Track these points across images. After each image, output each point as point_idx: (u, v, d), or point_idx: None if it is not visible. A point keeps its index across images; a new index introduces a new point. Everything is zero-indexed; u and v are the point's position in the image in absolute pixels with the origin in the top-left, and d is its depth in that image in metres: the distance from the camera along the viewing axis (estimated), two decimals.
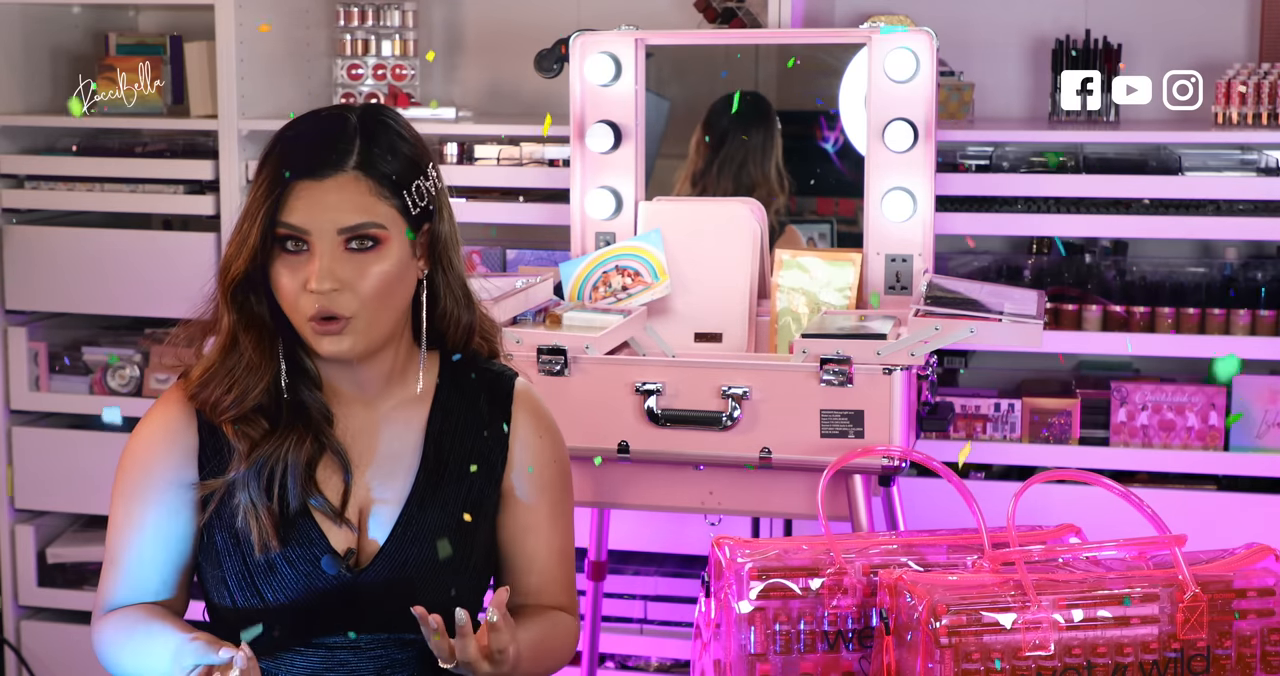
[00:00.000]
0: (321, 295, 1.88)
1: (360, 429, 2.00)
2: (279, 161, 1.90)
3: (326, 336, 1.90)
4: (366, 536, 1.97)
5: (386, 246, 1.91)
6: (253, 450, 1.94)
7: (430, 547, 1.97)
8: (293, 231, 1.88)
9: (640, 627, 3.65)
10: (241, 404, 1.94)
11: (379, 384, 2.00)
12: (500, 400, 2.06)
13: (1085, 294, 3.46)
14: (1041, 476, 2.05)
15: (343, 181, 1.89)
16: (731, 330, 3.14)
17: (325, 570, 1.94)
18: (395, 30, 3.82)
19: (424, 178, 1.95)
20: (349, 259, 1.89)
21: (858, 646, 2.02)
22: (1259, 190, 3.31)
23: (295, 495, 1.93)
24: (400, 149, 1.94)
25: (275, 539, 1.93)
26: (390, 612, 1.94)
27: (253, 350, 1.94)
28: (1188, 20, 3.65)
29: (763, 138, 3.46)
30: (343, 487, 1.97)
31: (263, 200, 1.88)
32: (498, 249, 3.74)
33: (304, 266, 1.88)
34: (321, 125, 1.95)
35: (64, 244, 3.83)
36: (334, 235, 1.88)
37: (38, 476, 3.91)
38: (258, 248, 1.89)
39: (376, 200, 1.90)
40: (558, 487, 2.09)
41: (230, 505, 1.95)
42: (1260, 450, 3.39)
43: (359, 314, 1.90)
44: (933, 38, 3.08)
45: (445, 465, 2.01)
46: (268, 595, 1.94)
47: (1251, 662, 1.95)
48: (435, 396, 2.03)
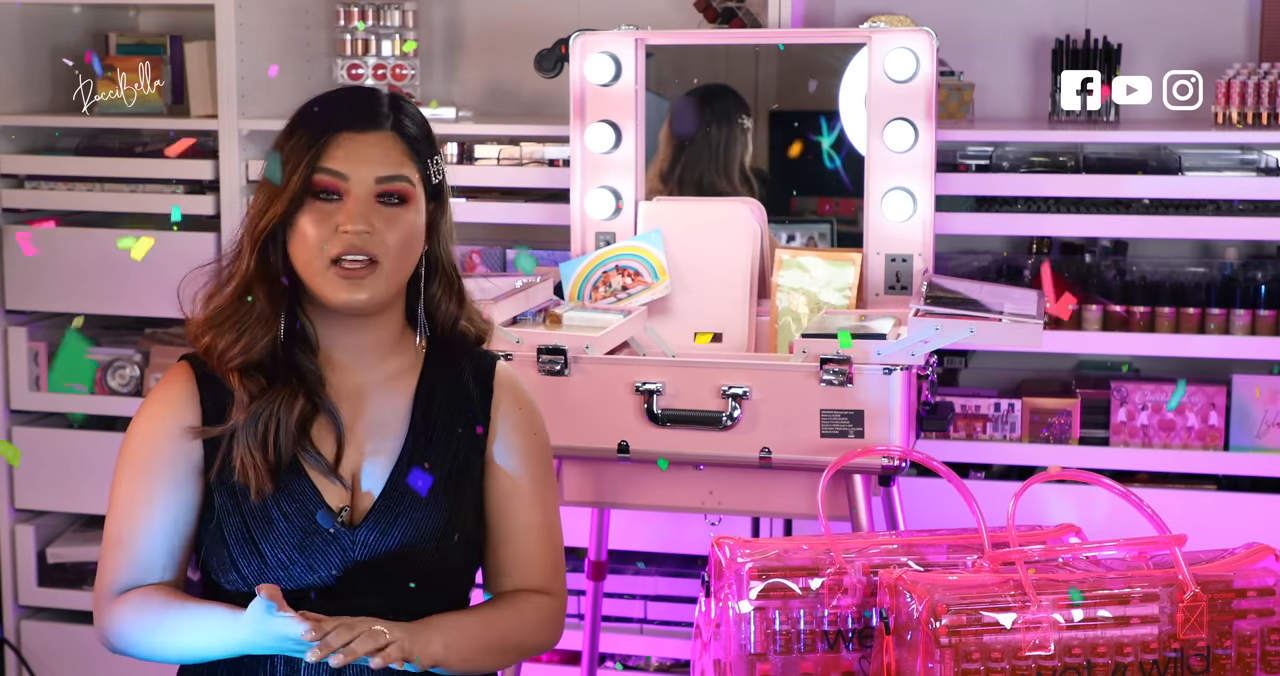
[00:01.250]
0: (355, 236, 1.97)
1: (352, 393, 2.07)
2: (316, 118, 2.01)
3: (347, 282, 1.98)
4: (359, 492, 2.04)
5: (411, 204, 2.02)
6: (251, 403, 2.01)
7: (420, 506, 2.03)
8: (332, 178, 1.99)
9: (640, 627, 3.65)
10: (248, 352, 2.02)
11: (373, 352, 2.08)
12: (483, 376, 2.14)
13: (1085, 294, 3.46)
14: (1041, 476, 2.06)
15: (381, 137, 2.01)
16: (731, 330, 3.14)
17: (320, 524, 2.00)
18: (395, 30, 3.83)
19: (440, 155, 2.08)
20: (379, 210, 2.00)
21: (858, 646, 2.02)
22: (1259, 190, 3.31)
23: (287, 447, 2.00)
24: (423, 124, 2.08)
25: (270, 482, 1.99)
26: (385, 574, 2.01)
27: (265, 301, 2.02)
28: (1188, 20, 3.65)
29: (727, 136, 3.45)
30: (336, 447, 2.04)
31: (304, 149, 1.98)
32: (497, 249, 3.74)
33: (333, 215, 1.98)
34: (355, 92, 2.10)
35: (64, 244, 3.83)
36: (370, 183, 1.99)
37: (38, 476, 3.91)
38: (296, 193, 1.98)
39: (407, 159, 2.02)
40: (539, 461, 2.15)
41: (229, 465, 2.01)
42: (1260, 450, 3.39)
43: (384, 260, 1.99)
44: (933, 38, 3.08)
45: (433, 429, 2.08)
46: (265, 549, 1.99)
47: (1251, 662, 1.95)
48: (423, 370, 2.11)
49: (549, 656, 3.64)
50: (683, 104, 3.45)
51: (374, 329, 2.06)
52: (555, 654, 3.64)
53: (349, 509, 2.02)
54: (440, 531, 2.03)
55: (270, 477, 1.99)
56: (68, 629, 3.92)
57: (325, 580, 2.00)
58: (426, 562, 2.02)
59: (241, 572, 2.00)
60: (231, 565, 2.01)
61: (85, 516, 4.01)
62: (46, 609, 3.97)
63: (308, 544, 2.00)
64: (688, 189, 3.41)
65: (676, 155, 3.44)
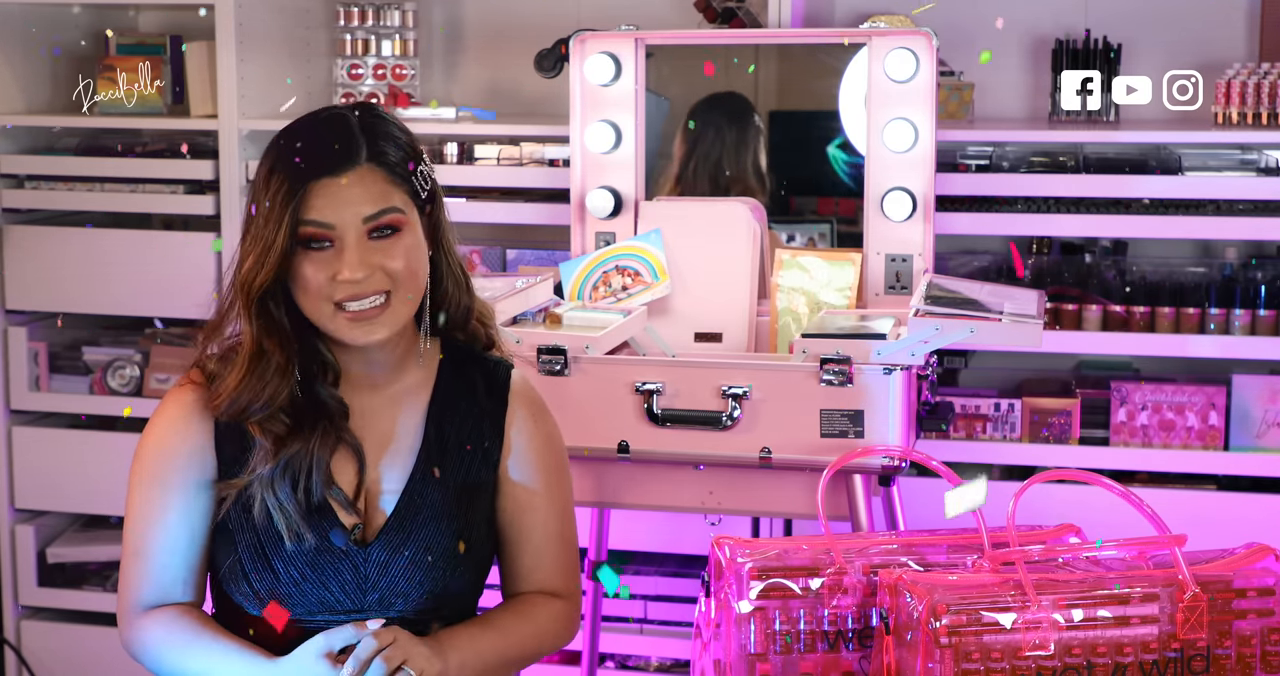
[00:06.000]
0: (356, 284, 1.95)
1: (368, 411, 2.06)
2: (291, 165, 1.95)
3: (359, 325, 1.97)
4: (372, 510, 2.03)
5: (407, 229, 1.99)
6: (279, 447, 1.99)
7: (432, 524, 2.02)
8: (318, 228, 1.95)
9: (640, 627, 3.65)
10: (272, 405, 2.00)
11: (389, 368, 2.07)
12: (497, 388, 2.12)
13: (1085, 294, 3.46)
14: (1041, 476, 2.05)
15: (359, 174, 1.96)
16: (731, 330, 3.14)
17: (333, 543, 1.99)
18: (395, 30, 3.83)
19: (424, 163, 2.04)
20: (375, 246, 1.97)
21: (858, 646, 2.02)
22: (1259, 190, 3.31)
23: (319, 490, 1.99)
24: (399, 138, 2.02)
25: (306, 527, 1.99)
26: (397, 590, 2.01)
27: (279, 353, 1.99)
28: (1188, 20, 3.65)
29: (737, 136, 3.46)
30: (356, 477, 2.03)
31: (284, 204, 1.93)
32: (497, 249, 3.74)
33: (330, 262, 1.95)
34: (323, 126, 2.00)
35: (64, 244, 3.83)
36: (359, 225, 1.95)
37: (38, 476, 3.91)
38: (284, 250, 1.94)
39: (391, 187, 1.98)
40: (555, 470, 2.15)
41: (245, 495, 2.00)
42: (1260, 450, 3.39)
43: (396, 290, 1.97)
44: (933, 38, 3.08)
45: (446, 445, 2.07)
46: (278, 566, 1.99)
47: (1251, 662, 1.95)
48: (436, 382, 2.10)
49: (549, 656, 3.64)
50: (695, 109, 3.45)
51: (390, 346, 2.06)
52: (555, 653, 3.64)
53: (362, 526, 2.02)
54: (451, 548, 2.03)
55: (306, 522, 1.99)
56: (68, 629, 3.91)
57: (337, 596, 2.00)
58: (437, 578, 2.02)
59: (253, 586, 2.00)
60: (243, 576, 2.00)
61: (85, 516, 4.01)
62: (46, 609, 3.97)
63: (320, 561, 2.00)
64: (702, 188, 3.41)
65: (689, 157, 3.45)
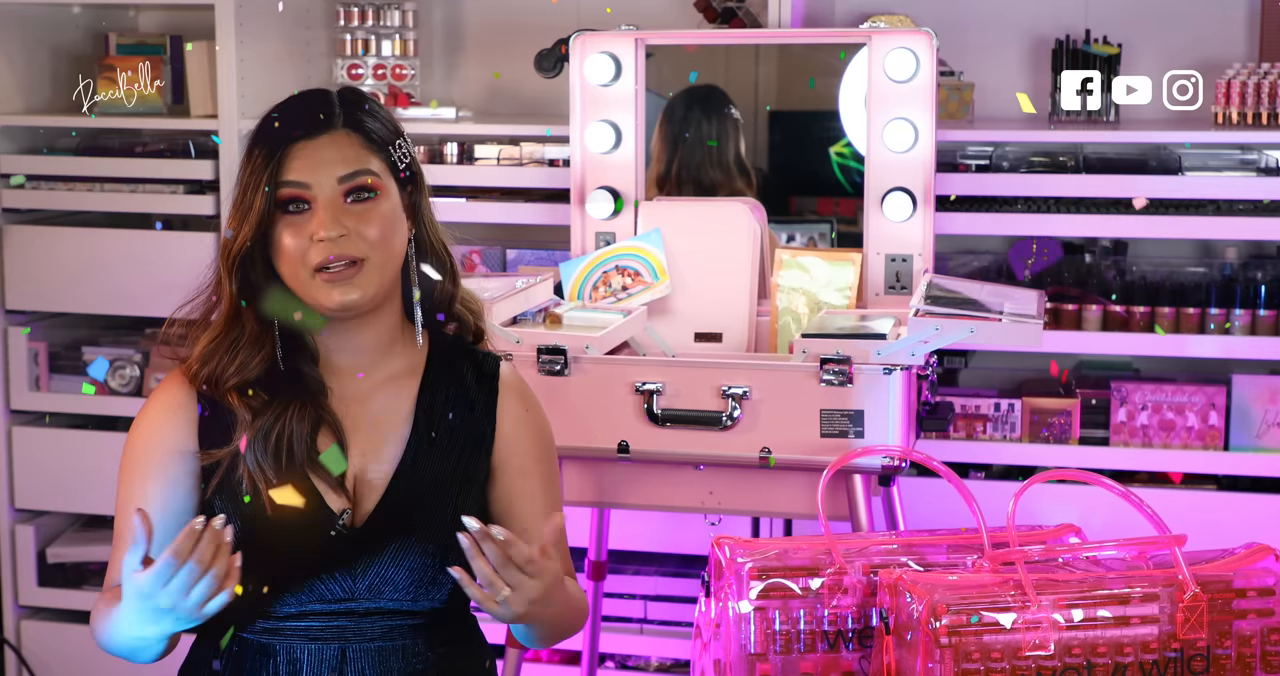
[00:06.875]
0: (331, 243, 1.97)
1: (354, 398, 2.07)
2: (271, 132, 2.01)
3: (337, 286, 1.98)
4: (362, 495, 2.04)
5: (383, 195, 2.01)
6: (257, 419, 2.00)
7: (422, 510, 2.03)
8: (295, 189, 1.98)
9: (640, 627, 3.65)
10: (243, 372, 2.02)
11: (373, 353, 2.08)
12: (486, 378, 2.13)
13: (1085, 294, 3.46)
14: (1041, 476, 2.06)
15: (335, 137, 2.01)
16: (731, 330, 3.14)
17: (322, 527, 2.00)
18: (395, 30, 3.83)
19: (405, 143, 2.07)
20: (350, 210, 1.99)
21: (858, 646, 2.02)
22: (1259, 190, 3.31)
23: (300, 461, 2.00)
24: (379, 113, 2.07)
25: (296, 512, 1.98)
26: (387, 576, 2.01)
27: (254, 321, 2.02)
28: (1188, 20, 3.65)
29: (717, 131, 3.45)
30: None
31: (262, 168, 1.98)
32: (498, 249, 3.74)
33: (307, 224, 1.98)
34: (304, 98, 2.07)
35: (64, 244, 3.83)
36: (335, 186, 1.98)
37: (38, 476, 3.91)
38: (263, 212, 1.98)
39: (367, 153, 2.02)
40: (547, 459, 2.15)
41: (233, 480, 2.00)
42: (1260, 450, 3.39)
43: (369, 256, 1.99)
44: (933, 38, 3.08)
45: (436, 432, 2.08)
46: (266, 551, 1.97)
47: (1251, 662, 1.95)
48: (425, 370, 2.11)
49: (549, 656, 3.64)
50: (670, 106, 3.45)
51: (371, 328, 2.06)
52: (555, 653, 3.64)
53: (350, 511, 2.03)
54: (442, 534, 2.03)
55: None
56: (68, 629, 3.92)
57: (326, 582, 2.01)
58: (428, 564, 2.03)
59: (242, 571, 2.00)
60: None
61: (85, 516, 4.01)
62: (46, 609, 3.97)
63: (308, 547, 2.00)
64: (686, 189, 3.41)
65: (670, 157, 3.44)
